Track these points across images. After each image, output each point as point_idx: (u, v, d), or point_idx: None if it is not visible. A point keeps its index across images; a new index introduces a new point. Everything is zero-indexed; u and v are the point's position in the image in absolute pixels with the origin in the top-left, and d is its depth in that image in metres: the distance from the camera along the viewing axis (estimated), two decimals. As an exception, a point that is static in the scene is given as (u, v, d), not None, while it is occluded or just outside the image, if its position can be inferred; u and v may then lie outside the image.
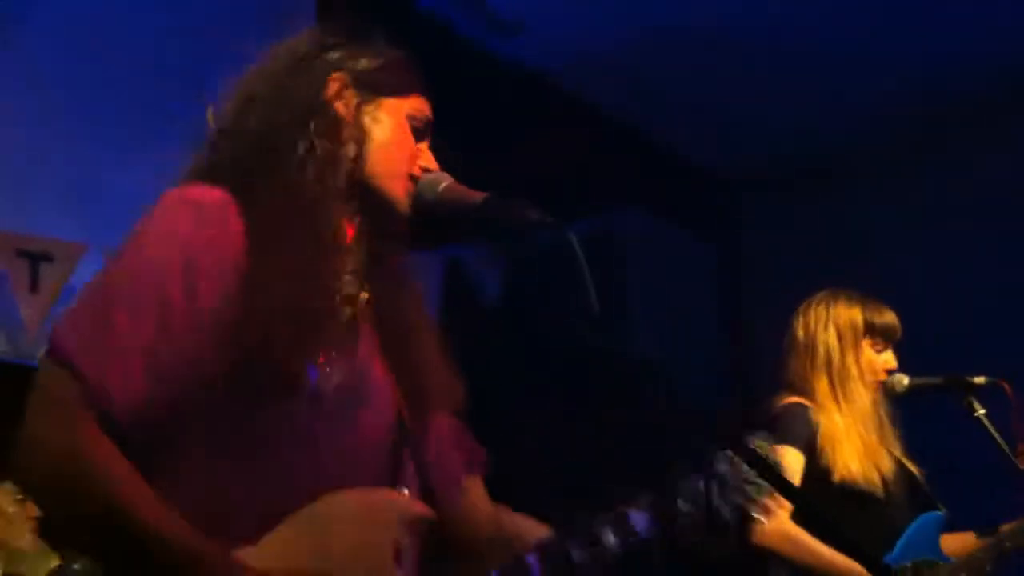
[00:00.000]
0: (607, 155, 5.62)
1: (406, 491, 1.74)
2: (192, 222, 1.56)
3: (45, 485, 1.51)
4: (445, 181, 1.77)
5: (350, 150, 1.71)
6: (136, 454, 1.51)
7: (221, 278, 1.54)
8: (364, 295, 1.73)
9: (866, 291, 3.61)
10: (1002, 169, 5.32)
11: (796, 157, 5.79)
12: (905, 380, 3.56)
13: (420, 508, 1.69)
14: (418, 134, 1.80)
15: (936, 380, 3.56)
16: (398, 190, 1.75)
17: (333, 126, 1.70)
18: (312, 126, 1.69)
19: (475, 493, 1.92)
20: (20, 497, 3.91)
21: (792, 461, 3.26)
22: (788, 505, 3.07)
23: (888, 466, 3.40)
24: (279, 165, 1.65)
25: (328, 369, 1.59)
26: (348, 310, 1.68)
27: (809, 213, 5.90)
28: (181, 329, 1.51)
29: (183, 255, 1.53)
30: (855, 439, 3.36)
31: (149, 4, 4.56)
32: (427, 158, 1.80)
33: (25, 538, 3.85)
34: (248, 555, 1.51)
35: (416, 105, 1.81)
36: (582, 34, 5.07)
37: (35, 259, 4.12)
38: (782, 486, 1.57)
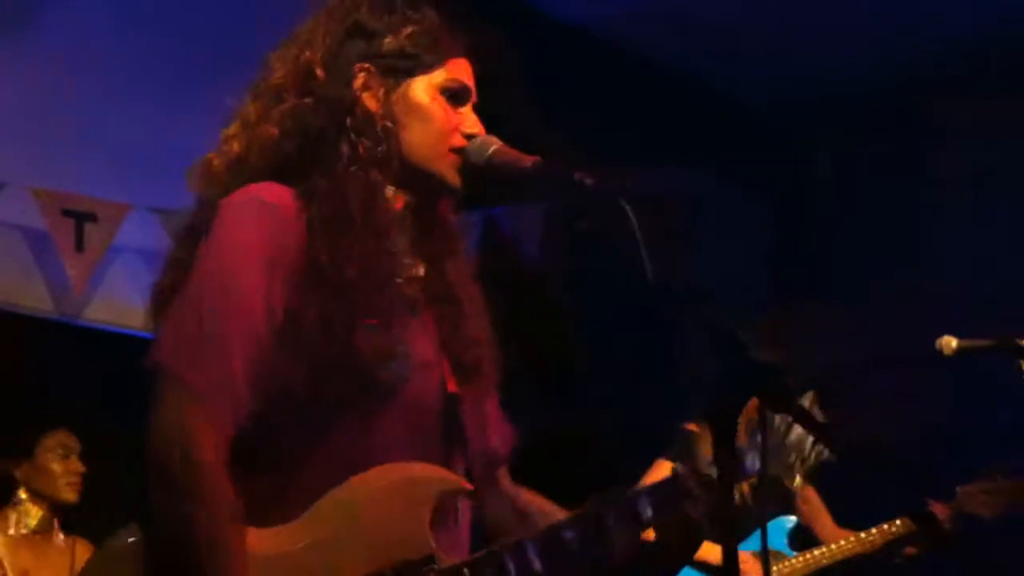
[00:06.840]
0: (660, 109, 5.56)
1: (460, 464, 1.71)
2: (268, 225, 1.62)
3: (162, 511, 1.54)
4: (494, 145, 1.72)
5: (389, 142, 1.71)
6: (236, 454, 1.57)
7: (292, 278, 1.60)
8: (421, 270, 1.74)
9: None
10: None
11: (849, 106, 5.69)
12: (954, 343, 3.49)
13: (456, 480, 1.68)
14: (456, 100, 1.75)
15: (986, 343, 3.49)
16: (443, 168, 1.73)
17: (368, 123, 1.70)
18: (349, 123, 1.70)
19: (504, 475, 1.89)
20: (63, 452, 3.86)
21: None
22: None
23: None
24: (328, 163, 1.68)
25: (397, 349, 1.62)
26: (411, 290, 1.70)
27: (868, 165, 5.81)
28: (267, 334, 1.58)
29: (262, 261, 1.60)
30: None
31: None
32: (470, 122, 1.75)
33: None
34: (273, 535, 1.55)
35: (450, 72, 1.75)
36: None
37: (80, 218, 4.15)
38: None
